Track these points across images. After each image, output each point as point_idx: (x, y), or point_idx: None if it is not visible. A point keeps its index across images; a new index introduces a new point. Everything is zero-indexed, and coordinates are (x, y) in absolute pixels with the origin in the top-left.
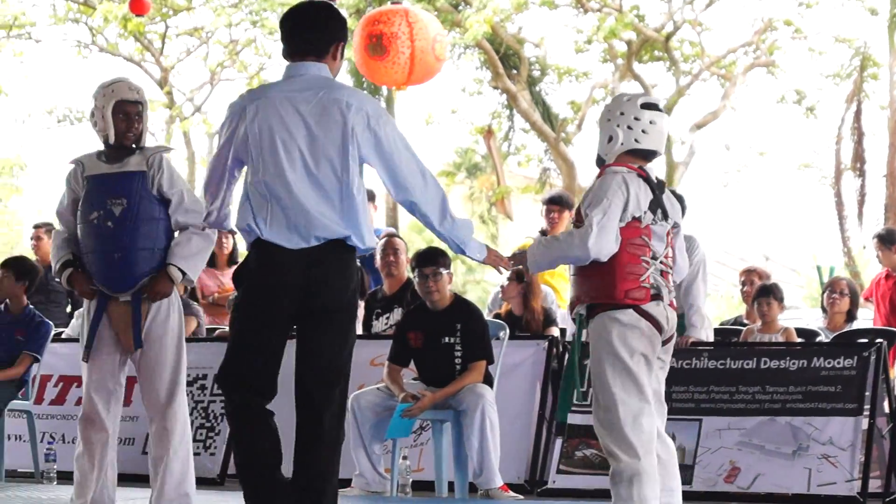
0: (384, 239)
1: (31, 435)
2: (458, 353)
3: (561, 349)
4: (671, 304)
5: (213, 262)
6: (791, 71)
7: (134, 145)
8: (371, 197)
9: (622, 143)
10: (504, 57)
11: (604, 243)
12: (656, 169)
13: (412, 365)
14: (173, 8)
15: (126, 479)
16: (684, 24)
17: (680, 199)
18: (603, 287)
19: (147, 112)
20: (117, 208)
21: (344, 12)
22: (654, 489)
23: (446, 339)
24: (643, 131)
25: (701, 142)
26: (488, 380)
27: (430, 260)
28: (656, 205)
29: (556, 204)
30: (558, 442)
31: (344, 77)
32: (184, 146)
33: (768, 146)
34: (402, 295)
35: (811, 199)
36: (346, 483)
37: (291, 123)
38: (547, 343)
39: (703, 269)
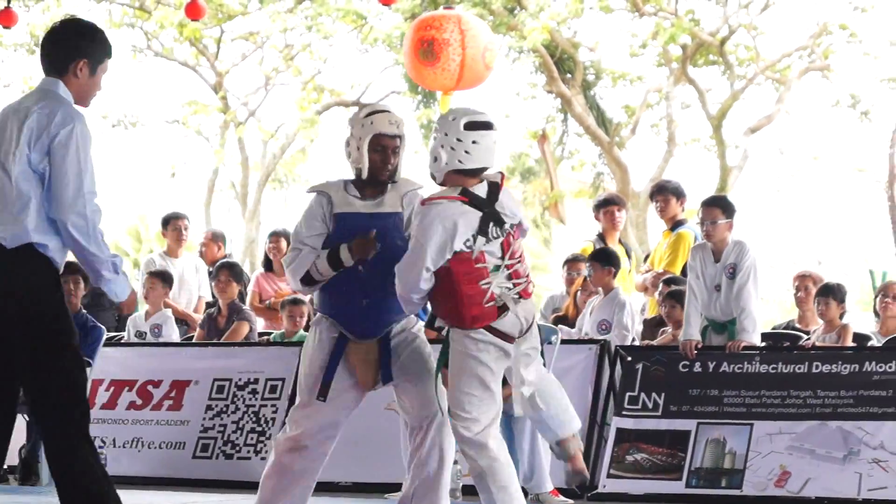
0: None
1: None
2: None
3: (613, 353)
4: (525, 294)
5: (269, 267)
6: (846, 75)
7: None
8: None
9: (446, 163)
10: (559, 61)
11: (410, 285)
12: (711, 173)
13: None
14: (228, 13)
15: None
16: (739, 29)
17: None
18: (454, 315)
19: (405, 144)
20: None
21: (398, 17)
22: (506, 476)
23: None
24: (466, 152)
25: (755, 146)
26: None
27: None
28: (487, 221)
29: (613, 203)
30: (609, 446)
31: (397, 81)
32: (238, 151)
33: (822, 151)
34: None
35: (865, 203)
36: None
37: None
38: (598, 348)
39: (753, 274)
